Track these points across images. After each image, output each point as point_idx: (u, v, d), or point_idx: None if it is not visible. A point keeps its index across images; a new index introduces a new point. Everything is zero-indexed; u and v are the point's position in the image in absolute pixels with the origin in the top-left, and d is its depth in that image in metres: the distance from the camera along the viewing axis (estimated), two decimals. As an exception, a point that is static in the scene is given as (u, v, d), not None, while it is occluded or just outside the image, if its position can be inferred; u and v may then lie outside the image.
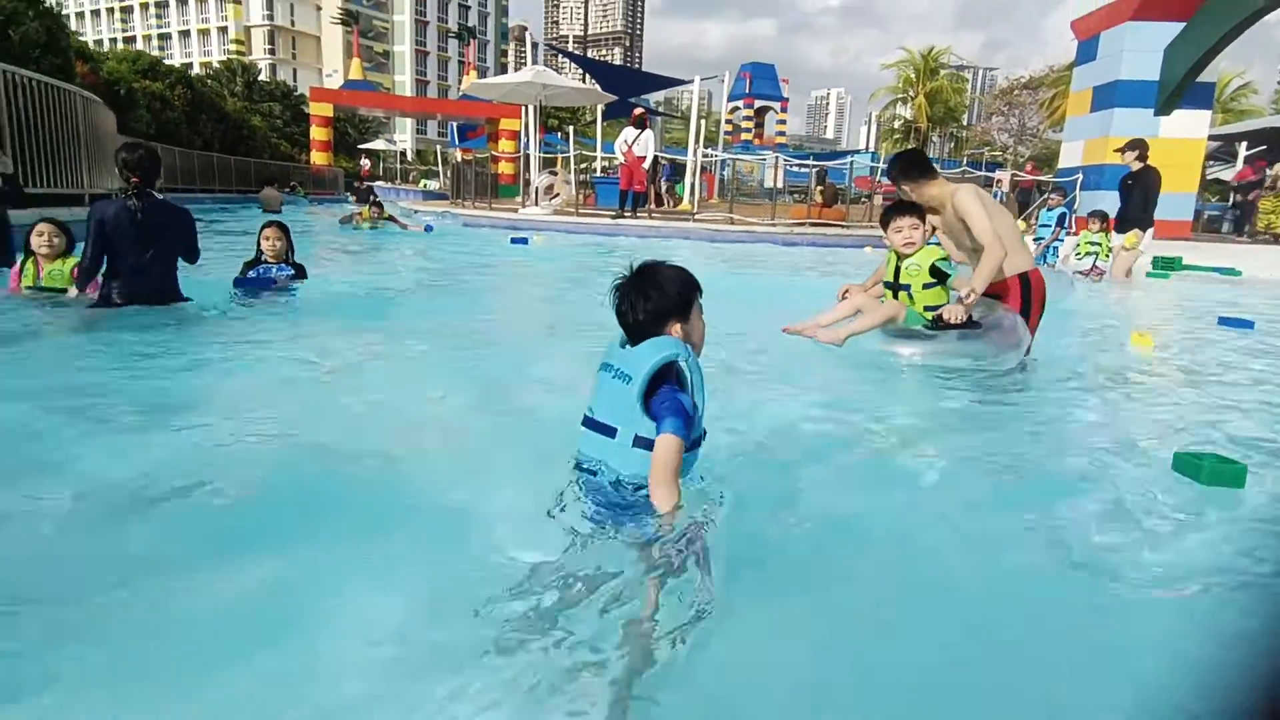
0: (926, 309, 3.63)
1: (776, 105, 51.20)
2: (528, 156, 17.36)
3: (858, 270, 9.16)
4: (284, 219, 5.85)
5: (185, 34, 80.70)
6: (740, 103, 49.17)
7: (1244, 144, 18.16)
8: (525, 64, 19.30)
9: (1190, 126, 13.52)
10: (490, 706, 1.15)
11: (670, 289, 1.77)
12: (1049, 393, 3.40)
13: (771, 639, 1.41)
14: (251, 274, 4.91)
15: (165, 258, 4.11)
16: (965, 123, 56.97)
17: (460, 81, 64.00)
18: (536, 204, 14.42)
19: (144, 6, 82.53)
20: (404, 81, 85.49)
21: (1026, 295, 3.73)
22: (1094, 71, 14.29)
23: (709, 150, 21.51)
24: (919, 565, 1.73)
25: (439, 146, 47.18)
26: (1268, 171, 14.83)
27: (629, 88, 22.12)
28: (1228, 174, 19.78)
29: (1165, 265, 9.47)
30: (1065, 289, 6.12)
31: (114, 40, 75.20)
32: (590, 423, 1.78)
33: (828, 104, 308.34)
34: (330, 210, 18.15)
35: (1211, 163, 19.71)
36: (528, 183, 16.90)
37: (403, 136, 60.78)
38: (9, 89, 6.92)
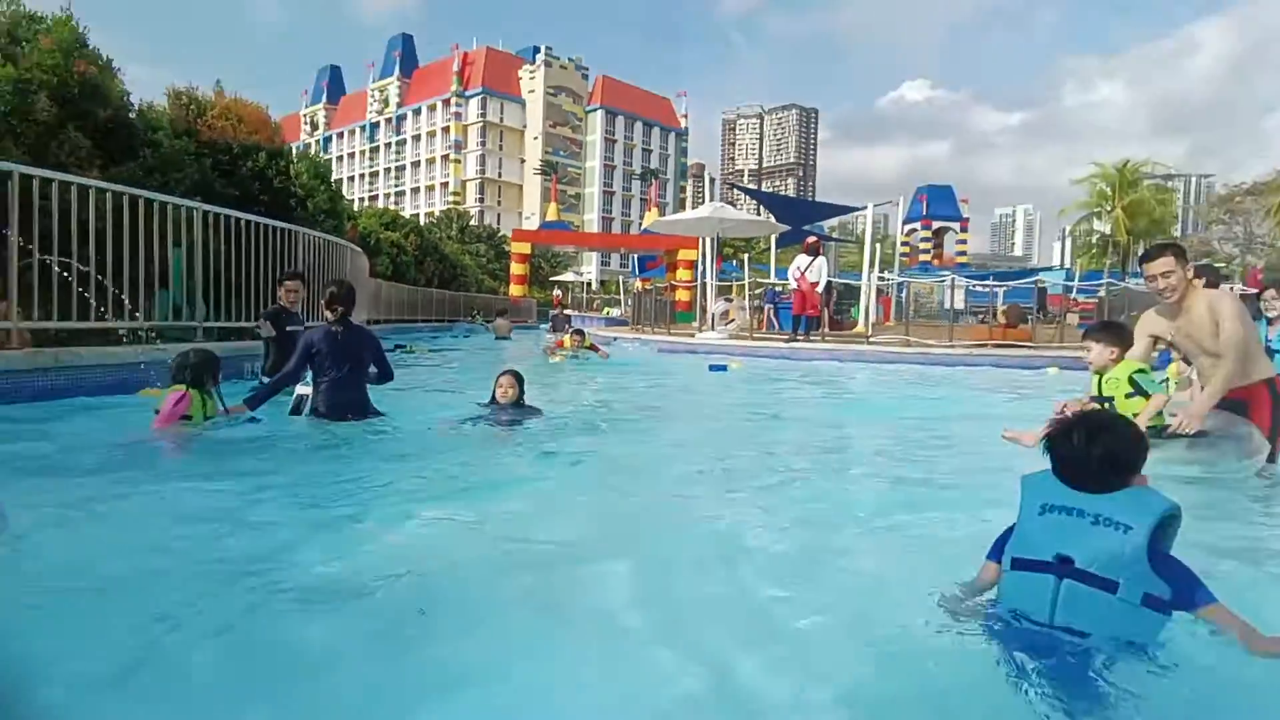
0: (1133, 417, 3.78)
1: (955, 225, 50.28)
2: (704, 284, 18.47)
3: (1041, 389, 8.79)
4: (507, 360, 5.72)
5: (416, 190, 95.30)
6: (918, 224, 48.88)
7: None
8: (703, 199, 20.91)
9: None
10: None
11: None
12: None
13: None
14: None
15: (359, 374, 4.93)
16: (1177, 233, 52.33)
17: (642, 217, 69.47)
18: (713, 329, 15.24)
19: (387, 171, 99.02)
20: (592, 219, 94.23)
21: (1275, 399, 3.74)
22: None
23: (884, 274, 21.61)
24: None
25: (621, 277, 50.97)
26: None
27: (803, 217, 23.09)
28: None
29: None
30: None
31: (362, 199, 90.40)
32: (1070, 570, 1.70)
33: (1014, 221, 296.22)
34: (524, 336, 20.16)
35: None
36: (703, 309, 17.91)
37: (588, 268, 66.20)
38: (306, 247, 8.86)
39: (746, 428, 5.98)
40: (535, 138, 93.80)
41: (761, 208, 31.67)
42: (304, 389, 4.95)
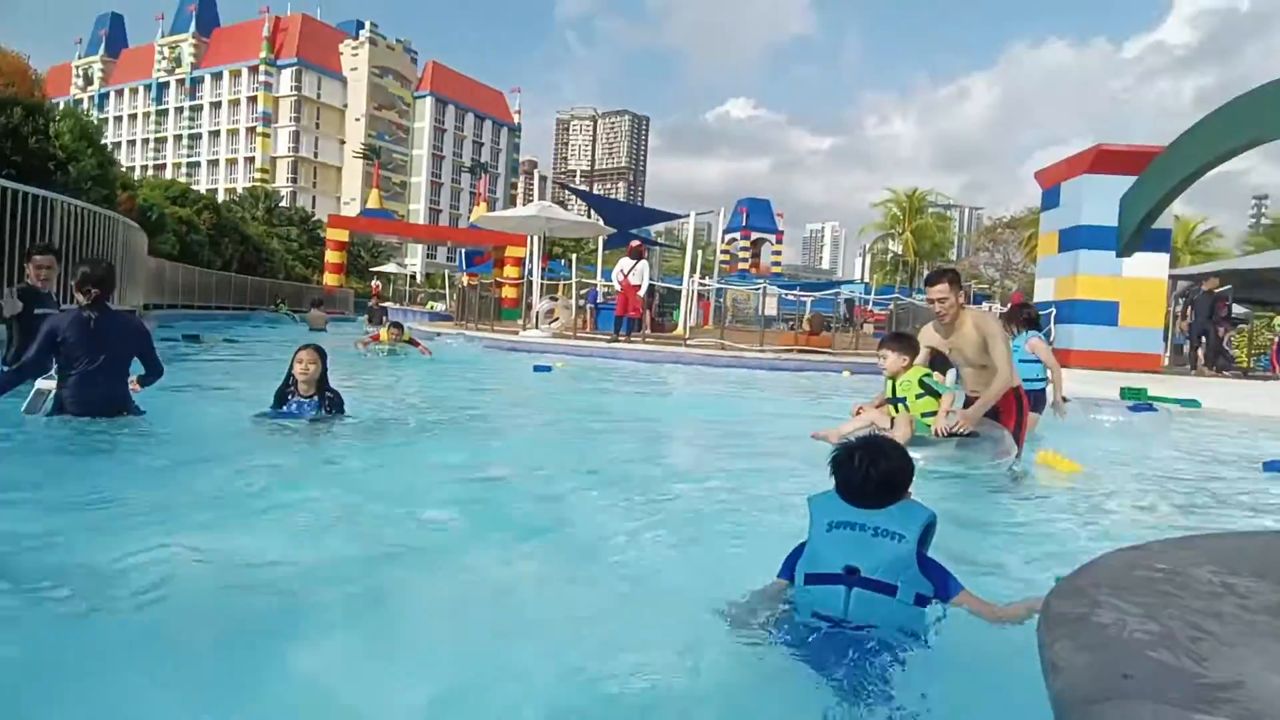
0: (924, 415, 4.32)
1: (772, 237, 53.85)
2: (530, 282, 18.30)
3: (835, 390, 9.61)
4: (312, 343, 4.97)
5: (214, 163, 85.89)
6: (737, 234, 51.76)
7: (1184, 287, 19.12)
8: (534, 197, 20.69)
9: (1151, 267, 14.41)
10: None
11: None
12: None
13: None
14: (285, 408, 4.62)
15: (115, 367, 4.30)
16: (953, 257, 59.78)
17: (471, 211, 67.53)
18: (537, 327, 15.11)
19: (178, 139, 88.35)
20: (418, 210, 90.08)
21: (1020, 407, 4.44)
22: (1058, 217, 15.38)
23: (704, 280, 22.61)
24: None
25: (447, 271, 49.20)
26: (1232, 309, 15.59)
27: (630, 221, 23.54)
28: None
29: (1133, 395, 9.90)
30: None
31: (145, 167, 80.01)
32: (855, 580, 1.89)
33: (823, 236, 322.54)
34: (340, 330, 18.86)
35: (1180, 300, 20.68)
36: (529, 307, 17.73)
37: (413, 261, 63.31)
38: (65, 217, 7.63)
39: (564, 428, 5.88)
40: (358, 119, 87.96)
41: (590, 209, 32.01)
42: (46, 383, 4.24)
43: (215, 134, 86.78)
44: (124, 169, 26.35)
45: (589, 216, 23.38)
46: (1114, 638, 0.96)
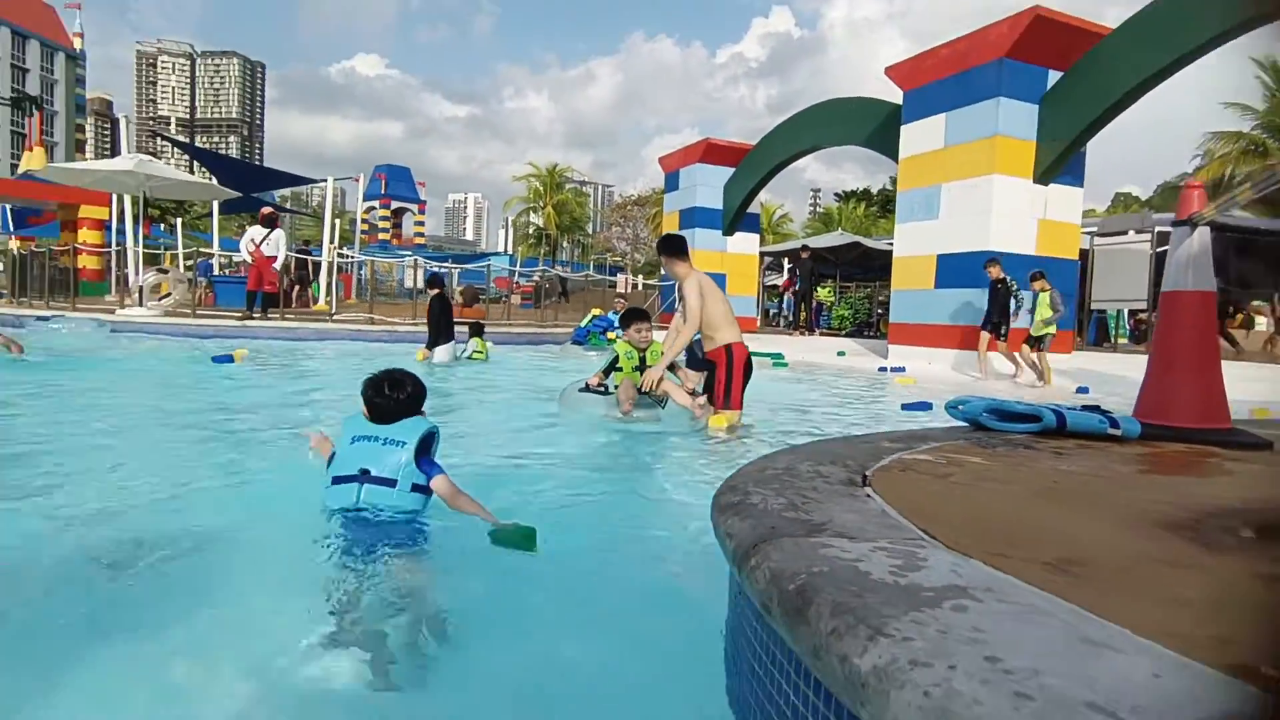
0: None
1: (414, 207, 52.19)
2: (121, 251, 15.22)
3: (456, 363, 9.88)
4: None
5: None
6: (376, 203, 49.07)
7: (786, 259, 23.88)
8: (110, 142, 17.00)
9: (747, 245, 17.53)
10: None
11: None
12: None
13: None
14: None
15: None
16: (590, 231, 64.65)
17: (17, 157, 52.60)
18: (142, 304, 12.69)
19: None
20: (-73, 150, 67.40)
21: (730, 362, 4.90)
22: (678, 198, 17.77)
23: (346, 250, 21.16)
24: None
25: (-16, 233, 37.87)
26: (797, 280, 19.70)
27: (253, 183, 20.83)
28: (778, 281, 25.76)
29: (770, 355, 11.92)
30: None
31: None
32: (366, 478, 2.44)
33: (465, 208, 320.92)
34: None
35: (769, 273, 25.49)
36: (122, 279, 14.77)
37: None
38: None
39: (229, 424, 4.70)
40: None
41: (198, 166, 27.51)
42: None
43: None
44: None
45: (197, 175, 20.08)
46: (759, 509, 1.36)
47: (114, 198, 18.29)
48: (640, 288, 24.04)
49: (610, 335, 11.55)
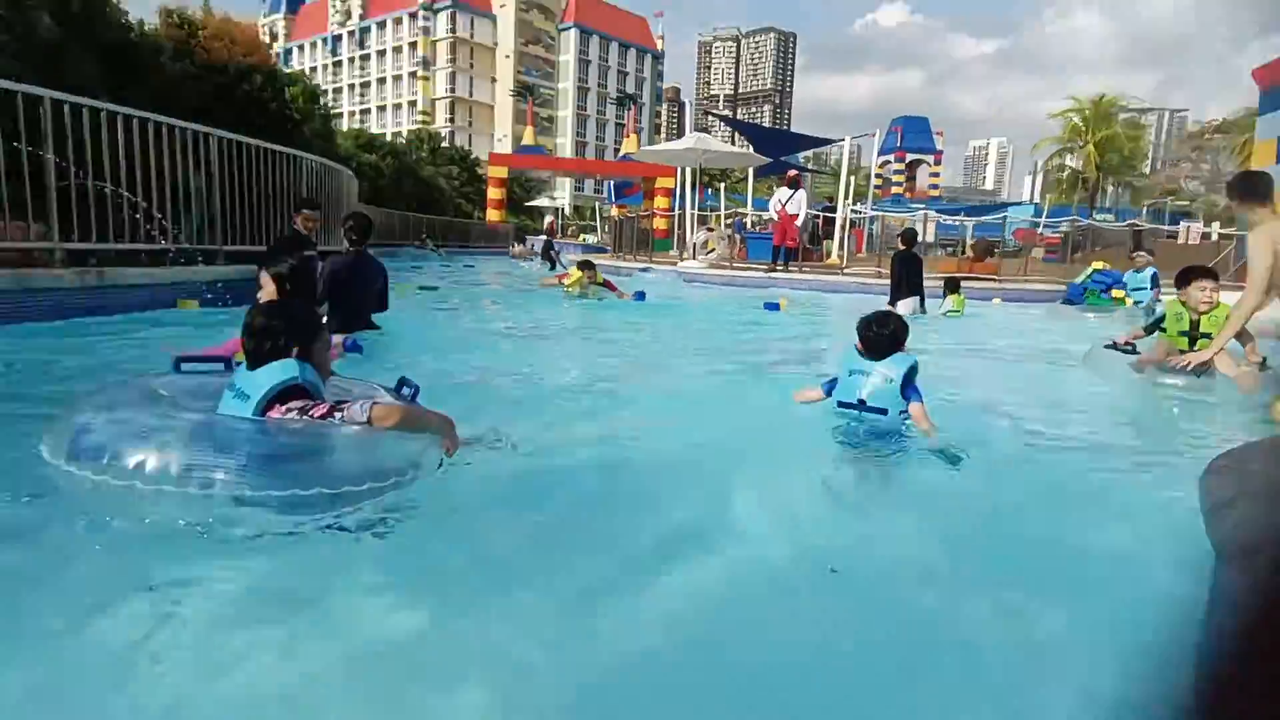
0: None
1: (930, 158, 50.70)
2: (681, 214, 18.84)
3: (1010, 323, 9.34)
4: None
5: (383, 108, 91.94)
6: (891, 157, 49.10)
7: None
8: (678, 124, 20.96)
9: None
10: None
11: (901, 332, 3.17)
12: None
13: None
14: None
15: (370, 302, 5.26)
16: (1146, 170, 53.25)
17: (618, 142, 68.27)
18: (694, 258, 15.74)
19: (351, 88, 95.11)
20: (565, 144, 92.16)
21: None
22: (1278, 121, 13.73)
23: (857, 206, 22.11)
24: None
25: (596, 203, 50.60)
26: None
27: (780, 148, 23.27)
28: None
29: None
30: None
31: (325, 117, 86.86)
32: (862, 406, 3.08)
33: (987, 154, 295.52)
34: (493, 267, 20.12)
35: None
36: (682, 238, 18.33)
37: (561, 194, 65.39)
38: (309, 172, 9.11)
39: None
40: (507, 56, 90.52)
41: (738, 136, 31.65)
42: None
43: (382, 81, 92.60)
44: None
45: (737, 145, 23.36)
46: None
47: (678, 170, 22.62)
48: (1215, 238, 19.29)
49: (1117, 293, 9.42)
